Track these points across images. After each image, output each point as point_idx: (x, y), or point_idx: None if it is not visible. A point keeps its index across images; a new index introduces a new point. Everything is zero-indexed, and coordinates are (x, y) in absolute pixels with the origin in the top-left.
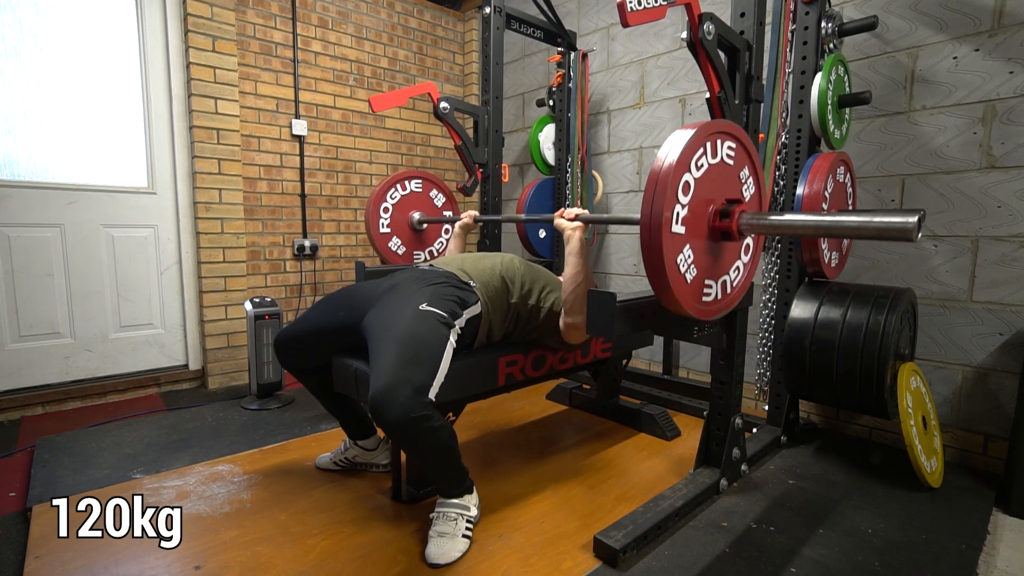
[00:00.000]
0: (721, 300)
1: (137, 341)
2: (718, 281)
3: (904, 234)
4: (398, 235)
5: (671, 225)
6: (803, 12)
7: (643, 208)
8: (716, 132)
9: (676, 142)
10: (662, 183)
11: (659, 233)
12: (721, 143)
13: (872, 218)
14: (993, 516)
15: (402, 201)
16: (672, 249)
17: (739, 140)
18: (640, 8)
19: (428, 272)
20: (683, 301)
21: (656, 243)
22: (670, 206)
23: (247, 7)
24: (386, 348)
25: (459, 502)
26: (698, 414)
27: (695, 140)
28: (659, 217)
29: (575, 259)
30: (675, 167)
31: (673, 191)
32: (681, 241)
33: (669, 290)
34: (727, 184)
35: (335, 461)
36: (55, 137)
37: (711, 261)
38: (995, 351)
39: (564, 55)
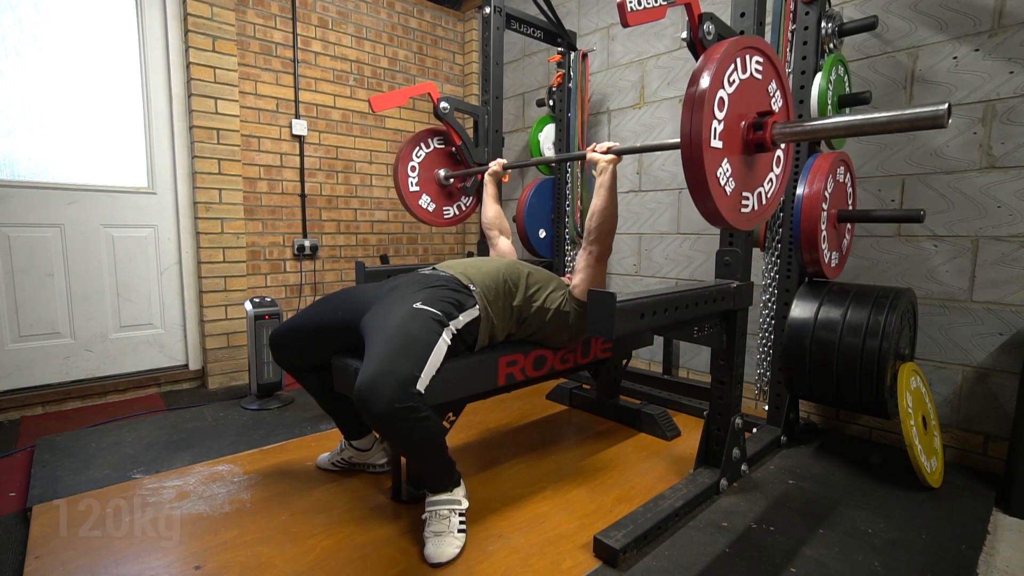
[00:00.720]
0: (758, 210)
1: (137, 341)
2: (754, 193)
3: (936, 122)
4: (427, 192)
5: (710, 141)
6: (803, 12)
7: (682, 127)
8: (745, 47)
9: (710, 58)
10: (699, 100)
11: (699, 149)
12: (750, 58)
13: (904, 111)
14: (993, 516)
15: (427, 159)
16: (712, 163)
17: (766, 54)
18: (640, 8)
19: (428, 276)
20: (725, 213)
21: (698, 159)
22: (708, 123)
23: (247, 7)
24: (376, 342)
25: (449, 497)
26: (698, 414)
27: (727, 56)
28: (698, 135)
29: (606, 192)
30: (710, 85)
31: (710, 108)
32: (719, 155)
33: (712, 202)
34: (758, 98)
35: (333, 462)
36: (55, 137)
37: (747, 173)
38: (995, 351)
39: (564, 55)
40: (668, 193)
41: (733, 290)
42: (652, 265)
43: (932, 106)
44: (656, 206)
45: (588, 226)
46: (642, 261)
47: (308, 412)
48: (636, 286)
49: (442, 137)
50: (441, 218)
